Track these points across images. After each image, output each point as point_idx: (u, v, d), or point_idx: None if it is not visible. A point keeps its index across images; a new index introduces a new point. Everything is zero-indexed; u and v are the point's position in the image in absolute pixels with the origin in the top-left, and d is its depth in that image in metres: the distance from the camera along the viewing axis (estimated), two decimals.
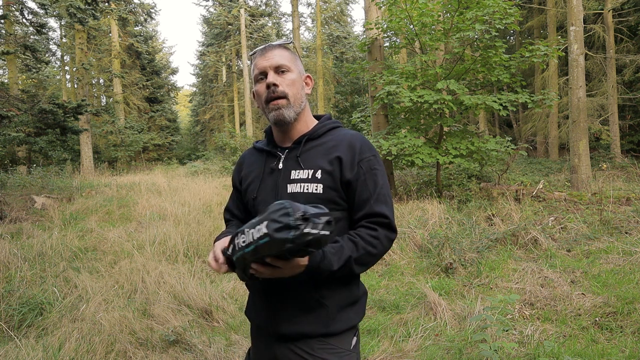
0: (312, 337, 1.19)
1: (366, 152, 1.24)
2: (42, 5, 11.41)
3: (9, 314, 3.34)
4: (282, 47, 1.27)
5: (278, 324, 1.21)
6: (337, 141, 1.25)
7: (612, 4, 13.96)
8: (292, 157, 1.26)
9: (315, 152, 1.24)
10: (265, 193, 1.26)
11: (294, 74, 1.26)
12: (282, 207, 0.95)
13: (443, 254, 4.59)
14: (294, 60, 1.28)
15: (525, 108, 17.03)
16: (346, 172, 1.20)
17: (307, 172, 1.21)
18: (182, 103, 41.21)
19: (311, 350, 1.19)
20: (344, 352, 1.21)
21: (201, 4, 31.72)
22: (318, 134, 1.28)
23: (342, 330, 1.21)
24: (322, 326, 1.19)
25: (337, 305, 1.20)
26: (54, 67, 28.07)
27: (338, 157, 1.21)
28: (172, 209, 7.42)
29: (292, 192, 1.20)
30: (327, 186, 1.19)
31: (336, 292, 1.21)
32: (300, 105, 1.26)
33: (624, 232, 5.23)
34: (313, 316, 1.19)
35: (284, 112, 1.22)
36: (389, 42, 9.59)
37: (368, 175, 1.21)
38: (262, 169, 1.30)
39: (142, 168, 21.42)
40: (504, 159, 8.27)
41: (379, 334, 3.23)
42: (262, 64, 1.23)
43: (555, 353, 2.72)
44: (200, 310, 3.53)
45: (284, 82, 1.22)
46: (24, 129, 9.39)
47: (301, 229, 0.92)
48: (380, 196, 1.21)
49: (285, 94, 1.22)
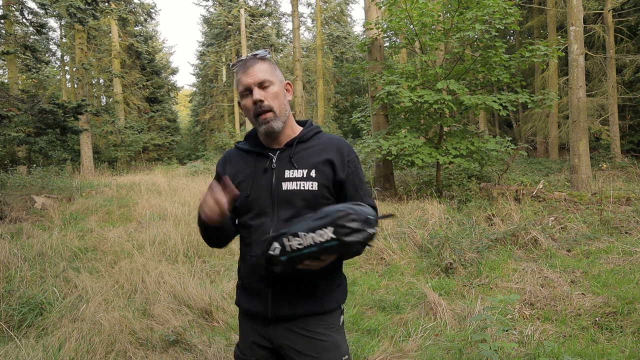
0: (309, 316, 1.36)
1: (352, 154, 1.42)
2: (42, 5, 11.42)
3: (9, 314, 3.34)
4: (261, 61, 1.37)
5: (278, 307, 1.34)
6: (324, 144, 1.41)
7: (612, 4, 13.95)
8: (285, 158, 1.39)
9: (306, 153, 1.39)
10: (260, 191, 1.37)
11: (276, 86, 1.37)
12: (347, 213, 1.12)
13: (443, 254, 4.59)
14: (273, 72, 1.39)
15: (525, 108, 17.03)
16: (339, 172, 1.37)
17: (301, 172, 1.35)
18: (182, 103, 41.18)
19: (307, 326, 1.35)
20: (336, 327, 1.40)
21: (201, 4, 31.75)
22: (307, 138, 1.42)
23: (334, 308, 1.40)
24: (319, 306, 1.36)
25: (329, 287, 1.39)
26: (54, 67, 28.06)
27: (329, 160, 1.37)
28: (172, 209, 7.42)
29: (287, 190, 1.34)
30: (321, 184, 1.35)
31: (328, 276, 1.38)
32: (285, 113, 1.40)
33: (624, 232, 5.23)
34: (309, 297, 1.35)
35: (272, 124, 1.35)
36: (389, 42, 9.59)
37: (355, 174, 1.41)
38: (253, 169, 1.41)
39: (142, 168, 21.42)
40: (504, 159, 8.27)
41: (379, 334, 3.23)
42: (246, 81, 1.35)
43: (555, 353, 2.71)
44: (200, 310, 3.53)
45: (269, 96, 1.34)
46: (24, 129, 9.39)
47: (368, 231, 1.11)
48: (365, 190, 1.43)
49: (271, 107, 1.34)
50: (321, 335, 1.35)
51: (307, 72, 28.10)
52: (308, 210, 1.32)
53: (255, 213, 1.37)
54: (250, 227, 1.38)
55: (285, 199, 1.34)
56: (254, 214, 1.37)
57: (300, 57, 18.75)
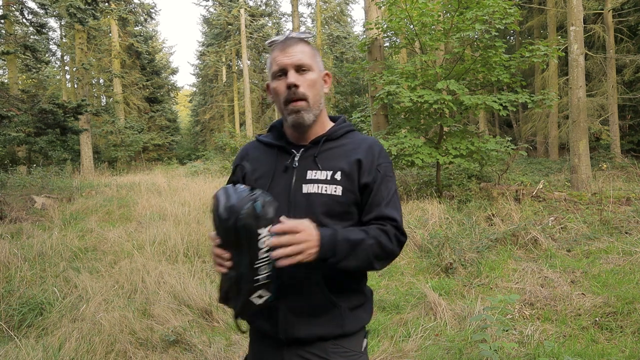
0: (327, 340, 1.17)
1: (384, 158, 1.23)
2: (42, 5, 11.42)
3: (9, 314, 3.34)
4: (303, 42, 1.21)
5: (291, 328, 1.17)
6: (356, 144, 1.23)
7: (612, 4, 13.95)
8: (309, 157, 1.22)
9: (333, 153, 1.22)
10: (277, 192, 1.19)
11: (315, 74, 1.20)
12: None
13: (443, 254, 4.59)
14: (314, 58, 1.22)
15: (525, 108, 17.02)
16: (364, 175, 1.18)
17: (325, 173, 1.18)
18: (182, 103, 41.17)
19: (325, 354, 1.17)
20: (357, 355, 1.20)
21: (201, 4, 31.78)
22: (336, 136, 1.25)
23: (355, 330, 1.21)
24: (337, 327, 1.17)
25: (349, 305, 1.20)
26: (54, 67, 28.07)
27: (358, 160, 1.19)
28: (172, 209, 7.41)
29: (307, 193, 1.17)
30: (346, 189, 1.17)
31: (347, 293, 1.20)
32: (319, 106, 1.22)
33: (624, 232, 5.23)
34: (327, 317, 1.17)
35: (303, 115, 1.18)
36: (389, 42, 9.59)
37: (383, 181, 1.20)
38: (273, 166, 1.24)
39: (142, 168, 21.42)
40: (504, 159, 8.27)
41: (379, 334, 3.23)
42: (283, 61, 1.17)
43: (555, 353, 2.72)
44: (200, 310, 3.53)
45: (305, 83, 1.17)
46: (24, 129, 9.40)
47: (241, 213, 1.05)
48: (392, 202, 1.20)
49: (305, 96, 1.17)
50: None
51: None
52: (328, 219, 1.15)
53: None
54: None
55: (303, 204, 1.16)
56: None
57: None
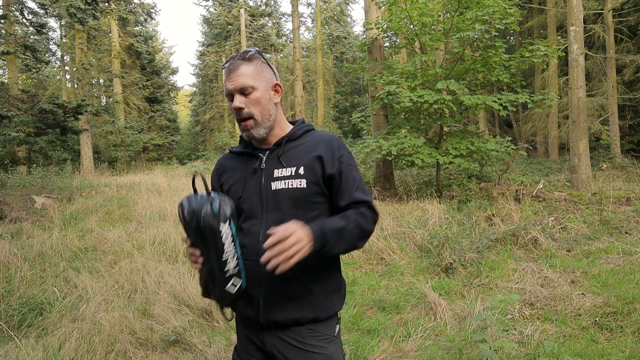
0: (302, 324, 1.31)
1: (343, 150, 1.37)
2: (42, 5, 11.43)
3: (9, 314, 3.34)
4: (246, 62, 1.32)
5: (270, 313, 1.30)
6: (315, 141, 1.37)
7: (612, 4, 13.95)
8: (274, 157, 1.35)
9: (295, 151, 1.35)
10: (250, 192, 1.35)
11: (259, 91, 1.32)
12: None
13: (443, 254, 4.58)
14: (258, 75, 1.33)
15: (525, 108, 17.03)
16: (328, 168, 1.31)
17: (289, 170, 1.31)
18: (182, 103, 41.14)
19: (301, 337, 1.31)
20: (330, 338, 1.35)
21: (201, 4, 31.76)
22: (296, 136, 1.39)
23: (329, 315, 1.34)
24: (312, 311, 1.31)
25: (323, 292, 1.33)
26: (54, 67, 28.05)
27: (319, 156, 1.32)
28: (172, 209, 7.42)
29: (276, 189, 1.31)
30: (310, 181, 1.30)
31: (321, 279, 1.33)
32: (270, 119, 1.35)
33: (624, 232, 5.23)
34: (302, 302, 1.30)
35: (252, 132, 1.33)
36: (389, 42, 9.59)
37: (348, 169, 1.34)
38: (244, 171, 1.39)
39: (142, 168, 21.41)
40: (504, 159, 8.27)
41: (379, 334, 3.23)
42: (227, 87, 1.32)
43: (555, 353, 2.72)
44: (200, 310, 3.53)
45: (249, 103, 1.31)
46: (24, 129, 9.40)
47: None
48: (360, 187, 1.35)
49: (251, 115, 1.31)
50: (315, 348, 1.31)
51: (307, 72, 28.08)
52: (296, 211, 1.28)
53: (245, 215, 1.34)
54: (241, 230, 1.33)
55: (273, 199, 1.30)
56: (245, 216, 1.34)
57: (300, 57, 18.76)
